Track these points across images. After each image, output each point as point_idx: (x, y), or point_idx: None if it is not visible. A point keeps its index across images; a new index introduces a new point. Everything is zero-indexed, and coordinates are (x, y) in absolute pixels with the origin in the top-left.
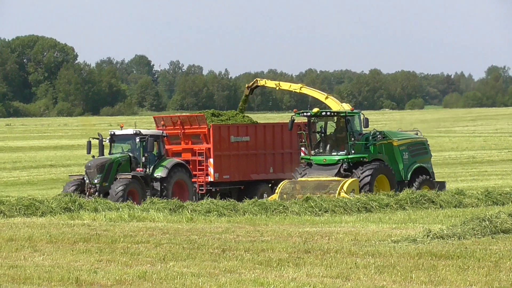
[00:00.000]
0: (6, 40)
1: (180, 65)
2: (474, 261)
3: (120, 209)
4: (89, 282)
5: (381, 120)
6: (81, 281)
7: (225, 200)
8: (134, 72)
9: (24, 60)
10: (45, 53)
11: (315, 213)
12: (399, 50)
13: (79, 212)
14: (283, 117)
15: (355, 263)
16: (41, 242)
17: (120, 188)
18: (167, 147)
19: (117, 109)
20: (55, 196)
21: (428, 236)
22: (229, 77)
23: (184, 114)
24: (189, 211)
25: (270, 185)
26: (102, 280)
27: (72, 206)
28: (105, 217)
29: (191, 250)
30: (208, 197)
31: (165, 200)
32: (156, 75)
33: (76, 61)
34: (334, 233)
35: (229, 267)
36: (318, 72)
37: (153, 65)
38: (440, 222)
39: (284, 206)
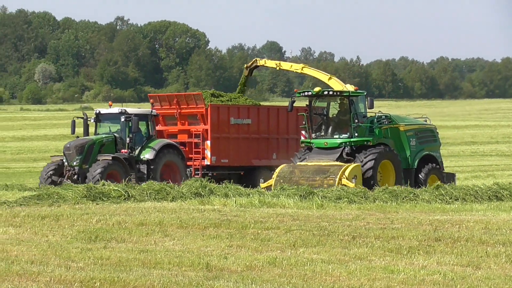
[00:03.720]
0: (138, 25)
1: (311, 51)
2: None
3: (251, 195)
4: (219, 267)
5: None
6: (211, 267)
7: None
8: (265, 57)
9: (156, 46)
10: (176, 39)
11: (446, 201)
12: None
13: (209, 198)
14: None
15: (486, 252)
16: (171, 227)
17: (98, 170)
18: (162, 128)
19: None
20: (186, 182)
21: None
22: (360, 64)
23: (183, 93)
24: (320, 198)
25: (272, 172)
26: (232, 265)
27: (202, 192)
28: (235, 202)
29: (321, 236)
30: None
31: (296, 187)
32: (287, 61)
33: (208, 47)
34: (464, 221)
35: (359, 254)
36: (450, 60)
37: (284, 51)
38: None
39: (414, 193)
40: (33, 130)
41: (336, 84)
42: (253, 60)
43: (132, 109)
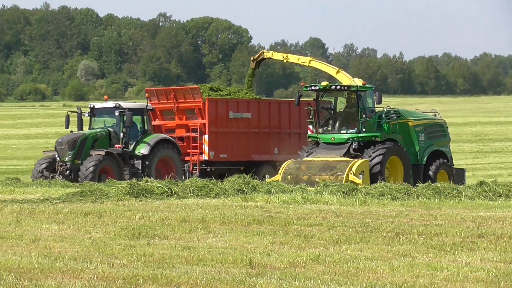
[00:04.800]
0: (181, 22)
1: (354, 47)
2: None
3: (294, 192)
4: (262, 264)
5: None
6: (254, 263)
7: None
8: (308, 54)
9: (199, 42)
10: (219, 35)
11: (489, 198)
12: None
13: (252, 194)
14: (456, 102)
15: None
16: (214, 224)
17: (91, 166)
18: (160, 122)
19: (291, 91)
20: (229, 178)
21: None
22: (403, 60)
23: (181, 87)
24: (363, 194)
25: (278, 167)
26: (275, 262)
27: (245, 188)
28: (278, 199)
29: (364, 233)
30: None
31: (339, 183)
32: (330, 58)
33: (250, 43)
34: (508, 217)
35: (402, 251)
36: (493, 56)
37: (327, 47)
38: None
39: (457, 190)
40: (76, 127)
41: (344, 78)
42: (260, 52)
43: (127, 103)
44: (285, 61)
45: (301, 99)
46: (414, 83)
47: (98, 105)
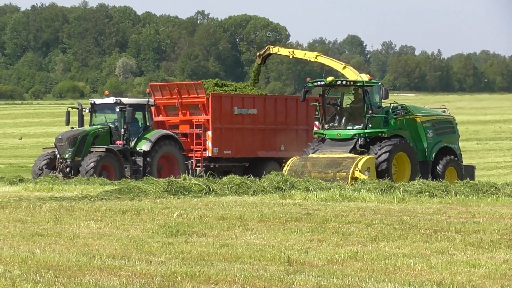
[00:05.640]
0: (219, 19)
1: (392, 45)
2: None
3: (332, 189)
4: (300, 261)
5: None
6: (292, 261)
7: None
8: (346, 52)
9: (237, 40)
10: (257, 33)
11: None
12: None
13: (290, 192)
14: (495, 99)
15: None
16: (252, 221)
17: (91, 163)
18: (164, 118)
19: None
20: (267, 176)
21: None
22: (441, 57)
23: (184, 82)
24: (401, 192)
25: (283, 164)
26: (313, 260)
27: (283, 186)
28: (316, 196)
29: (402, 230)
30: (203, 174)
31: (377, 181)
32: (368, 55)
33: (288, 41)
34: None
35: (440, 248)
36: None
37: (365, 45)
38: None
39: (496, 187)
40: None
41: (351, 74)
42: (266, 48)
43: (128, 99)
44: (291, 56)
45: (309, 95)
46: (452, 80)
47: (98, 101)
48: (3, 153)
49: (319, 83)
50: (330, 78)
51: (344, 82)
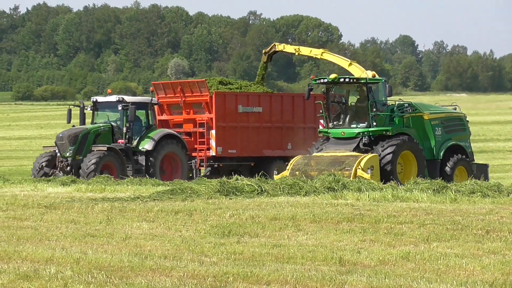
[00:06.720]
0: (271, 20)
1: (444, 45)
2: None
3: (384, 189)
4: (353, 262)
5: None
6: (344, 261)
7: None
8: (398, 52)
9: (289, 40)
10: (309, 33)
11: None
12: None
13: (342, 192)
14: None
15: None
16: (304, 222)
17: (92, 162)
18: (168, 117)
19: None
20: (319, 176)
21: None
22: (493, 57)
23: (187, 80)
24: (453, 192)
25: (287, 163)
26: (365, 260)
27: (335, 186)
28: (368, 197)
29: (455, 231)
30: (207, 173)
31: (429, 181)
32: (420, 55)
33: (340, 41)
34: None
35: (493, 248)
36: None
37: (417, 45)
38: None
39: None
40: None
41: (357, 71)
42: (272, 45)
43: (131, 97)
44: (297, 53)
45: (313, 93)
46: (504, 80)
47: (100, 99)
48: None
49: (322, 80)
50: (333, 76)
51: (347, 80)
